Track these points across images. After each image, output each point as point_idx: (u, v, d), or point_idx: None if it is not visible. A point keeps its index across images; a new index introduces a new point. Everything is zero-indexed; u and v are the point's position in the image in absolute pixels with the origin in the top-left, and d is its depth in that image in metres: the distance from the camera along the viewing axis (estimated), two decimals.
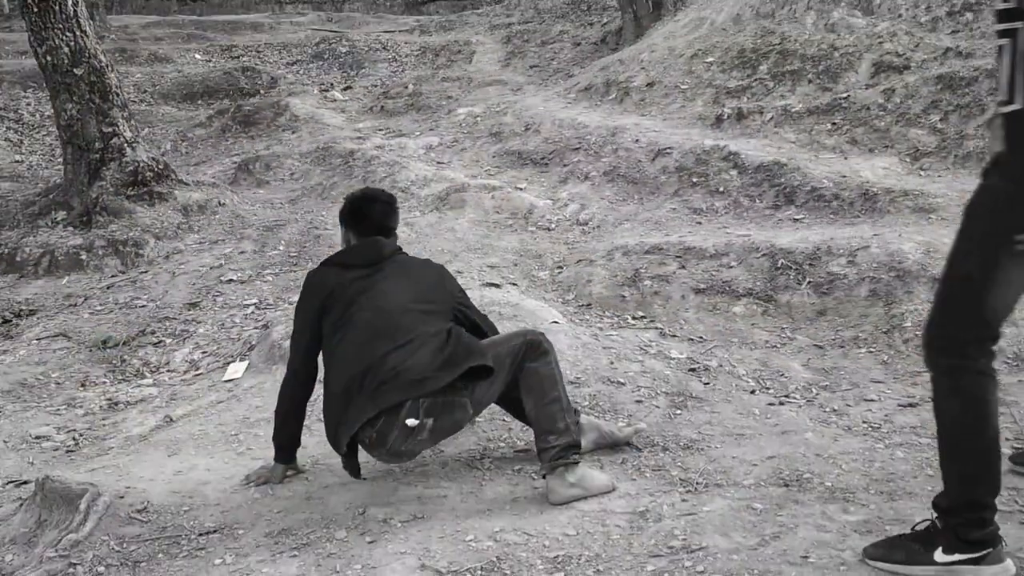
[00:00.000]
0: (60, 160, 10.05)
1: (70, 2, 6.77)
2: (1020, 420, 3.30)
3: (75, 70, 6.74)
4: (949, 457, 2.28)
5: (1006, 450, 3.07)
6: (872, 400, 3.65)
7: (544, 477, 2.96)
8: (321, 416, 3.84)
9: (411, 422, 2.85)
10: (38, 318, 5.57)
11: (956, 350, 2.23)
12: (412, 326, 3.00)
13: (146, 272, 5.99)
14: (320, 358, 3.18)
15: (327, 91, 11.46)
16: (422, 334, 2.98)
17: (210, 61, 13.48)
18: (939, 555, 2.26)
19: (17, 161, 9.89)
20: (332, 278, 3.14)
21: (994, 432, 2.23)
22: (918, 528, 2.36)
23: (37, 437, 4.11)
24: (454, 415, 2.93)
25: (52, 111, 11.32)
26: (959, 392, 2.22)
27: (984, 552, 2.21)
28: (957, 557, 2.24)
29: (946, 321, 2.26)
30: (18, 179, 9.20)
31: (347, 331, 3.01)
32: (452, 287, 3.30)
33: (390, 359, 2.91)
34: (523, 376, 3.00)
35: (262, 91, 11.75)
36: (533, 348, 3.02)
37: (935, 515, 2.31)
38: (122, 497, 3.09)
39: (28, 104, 11.52)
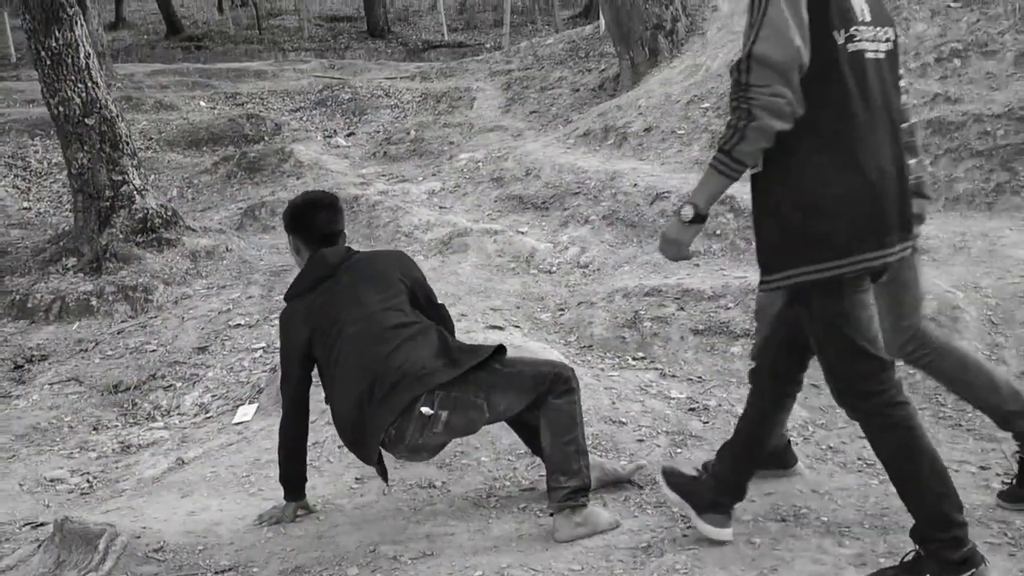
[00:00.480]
0: (67, 207, 10.23)
1: (82, 55, 6.95)
2: (1010, 456, 3.40)
3: (86, 120, 6.92)
4: (903, 489, 2.43)
5: (996, 485, 3.18)
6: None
7: (551, 515, 3.05)
8: (329, 458, 3.96)
9: (425, 410, 2.92)
10: (50, 363, 5.68)
11: (860, 392, 2.43)
12: (398, 323, 3.11)
13: (156, 317, 6.10)
14: (318, 388, 3.27)
15: (330, 137, 11.67)
16: (410, 330, 3.09)
17: (215, 108, 13.71)
18: None
19: (25, 208, 10.05)
20: (301, 311, 3.21)
21: (931, 452, 2.38)
22: (906, 560, 2.45)
23: (51, 480, 4.20)
24: (468, 413, 3.00)
25: (59, 159, 11.54)
26: (884, 428, 2.40)
27: (969, 572, 2.31)
28: None
29: (837, 372, 2.46)
30: (27, 226, 9.35)
31: (341, 349, 3.08)
32: (416, 273, 3.36)
33: (392, 361, 2.99)
34: (545, 409, 3.06)
35: (266, 137, 11.94)
36: (560, 382, 3.06)
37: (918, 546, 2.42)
38: (139, 537, 3.18)
39: (36, 152, 11.69)
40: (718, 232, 5.99)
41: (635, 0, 9.94)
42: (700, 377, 4.52)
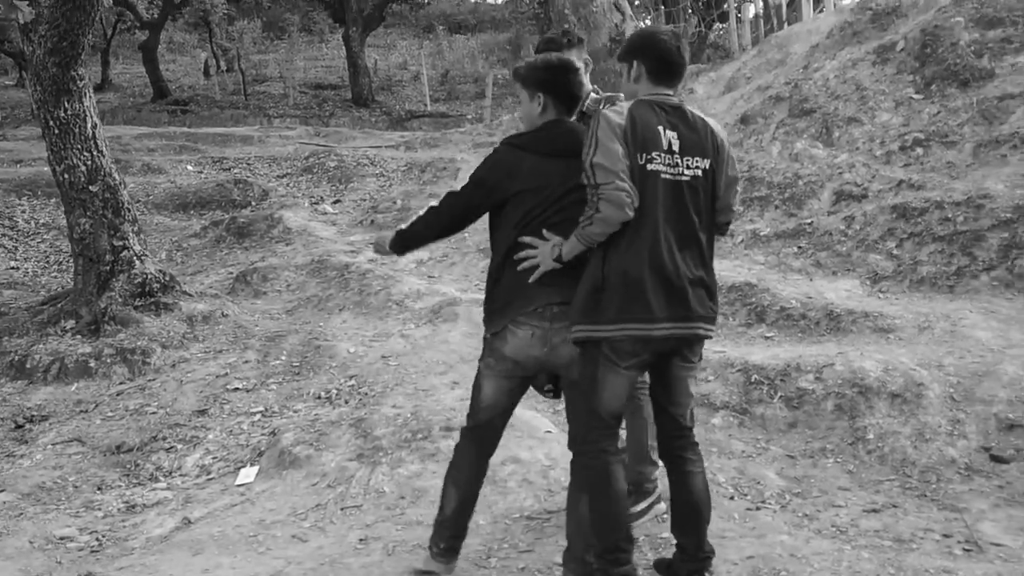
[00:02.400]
0: (55, 268, 10.40)
1: (89, 125, 7.23)
2: None
3: (91, 187, 7.16)
4: (591, 516, 3.07)
5: (958, 551, 3.44)
6: (840, 506, 4.01)
7: None
8: (332, 519, 4.15)
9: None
10: (51, 424, 5.82)
11: (583, 437, 3.11)
12: None
13: (154, 380, 6.28)
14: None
15: (317, 204, 11.95)
16: None
17: (202, 172, 13.97)
18: None
19: (13, 268, 10.20)
20: (519, 164, 3.24)
21: (615, 495, 3.07)
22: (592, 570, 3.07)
23: (61, 538, 4.35)
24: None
25: (46, 219, 11.75)
26: (583, 467, 3.11)
27: None
28: None
29: (577, 419, 3.16)
30: (16, 286, 9.50)
31: (545, 219, 3.20)
32: None
33: None
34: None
35: (254, 203, 12.19)
36: None
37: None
38: None
39: (23, 212, 11.87)
40: None
41: (618, 80, 10.40)
42: None
